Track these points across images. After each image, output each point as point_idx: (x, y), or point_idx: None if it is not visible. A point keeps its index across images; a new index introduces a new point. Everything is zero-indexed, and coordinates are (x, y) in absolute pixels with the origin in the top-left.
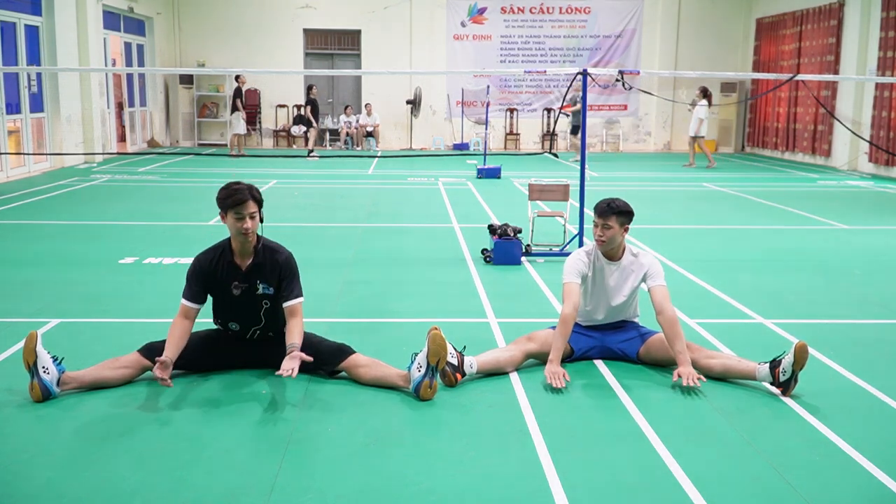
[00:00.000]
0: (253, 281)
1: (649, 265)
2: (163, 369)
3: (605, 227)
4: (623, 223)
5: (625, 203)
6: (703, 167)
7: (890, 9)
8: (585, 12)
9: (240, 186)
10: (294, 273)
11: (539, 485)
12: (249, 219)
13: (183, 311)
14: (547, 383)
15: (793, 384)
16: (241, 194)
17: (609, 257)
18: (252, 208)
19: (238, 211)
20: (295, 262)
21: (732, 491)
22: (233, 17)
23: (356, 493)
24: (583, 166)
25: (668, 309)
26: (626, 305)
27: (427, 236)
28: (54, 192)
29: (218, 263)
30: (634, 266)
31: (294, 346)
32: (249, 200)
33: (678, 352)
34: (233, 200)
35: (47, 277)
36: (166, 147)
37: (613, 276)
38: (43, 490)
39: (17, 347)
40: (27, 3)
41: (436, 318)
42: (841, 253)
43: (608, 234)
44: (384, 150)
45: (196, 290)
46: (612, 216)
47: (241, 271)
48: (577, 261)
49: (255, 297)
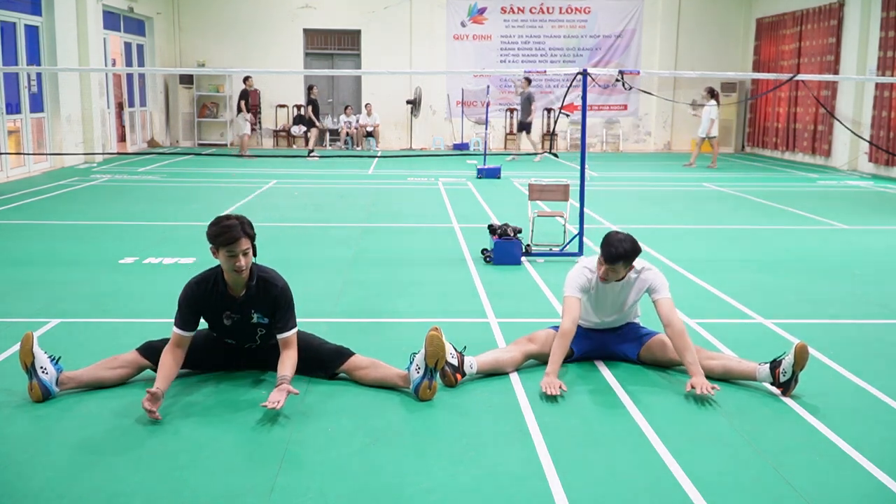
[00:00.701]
0: (247, 312)
1: (652, 280)
2: (153, 401)
3: (611, 271)
4: (628, 265)
5: (632, 245)
6: (704, 167)
7: (890, 9)
8: (585, 12)
9: (231, 223)
10: (289, 304)
11: (539, 485)
12: (242, 256)
13: (175, 339)
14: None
15: (793, 384)
16: (233, 231)
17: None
18: (245, 245)
19: (231, 249)
20: (290, 293)
21: (732, 491)
22: (233, 17)
23: (356, 493)
24: (583, 166)
25: (675, 321)
26: (627, 314)
27: (427, 236)
28: (54, 192)
29: (211, 294)
30: (638, 282)
31: (284, 379)
32: (242, 238)
33: (689, 363)
34: (224, 239)
35: (47, 277)
36: (166, 147)
37: (616, 290)
38: (43, 490)
39: (17, 348)
40: (27, 3)
41: (436, 318)
42: (841, 253)
43: (612, 276)
44: (384, 150)
45: (188, 317)
46: (619, 264)
47: (235, 302)
48: (579, 274)
49: (250, 325)
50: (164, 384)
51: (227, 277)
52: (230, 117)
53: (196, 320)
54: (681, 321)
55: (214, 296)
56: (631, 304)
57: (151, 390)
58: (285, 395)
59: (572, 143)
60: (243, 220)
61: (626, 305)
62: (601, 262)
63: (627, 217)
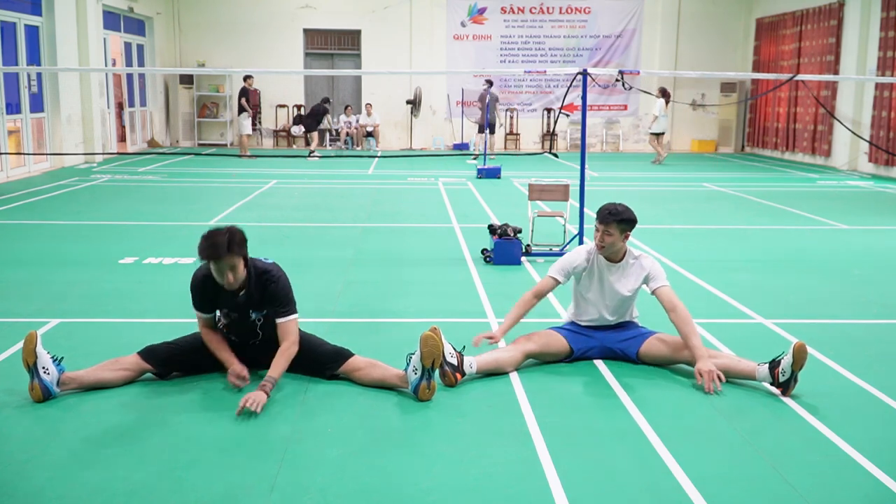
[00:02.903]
0: (244, 311)
1: (650, 267)
2: (242, 379)
3: (606, 234)
4: (624, 230)
5: (627, 210)
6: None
7: (890, 9)
8: (585, 12)
9: (218, 240)
10: (287, 294)
11: (539, 485)
12: (230, 272)
13: (202, 322)
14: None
15: (792, 384)
16: (218, 249)
17: (610, 259)
18: (232, 261)
19: (217, 265)
20: (288, 284)
21: (732, 491)
22: (233, 17)
23: (356, 493)
24: (583, 166)
25: (679, 306)
26: (625, 305)
27: (427, 236)
28: (54, 192)
29: (213, 289)
30: (635, 268)
31: (270, 380)
32: (226, 256)
33: (695, 346)
34: (208, 254)
35: (47, 277)
36: (166, 147)
37: (614, 276)
38: (43, 490)
39: (17, 348)
40: (27, 3)
41: (436, 318)
42: (841, 253)
43: (608, 240)
44: (384, 150)
45: (200, 304)
46: (612, 224)
47: (234, 301)
48: (572, 259)
49: (248, 322)
50: (232, 356)
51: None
52: (230, 117)
53: (209, 307)
54: (684, 306)
55: (215, 292)
56: (630, 295)
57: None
58: (265, 399)
59: (572, 143)
60: (234, 235)
61: (624, 294)
62: (597, 229)
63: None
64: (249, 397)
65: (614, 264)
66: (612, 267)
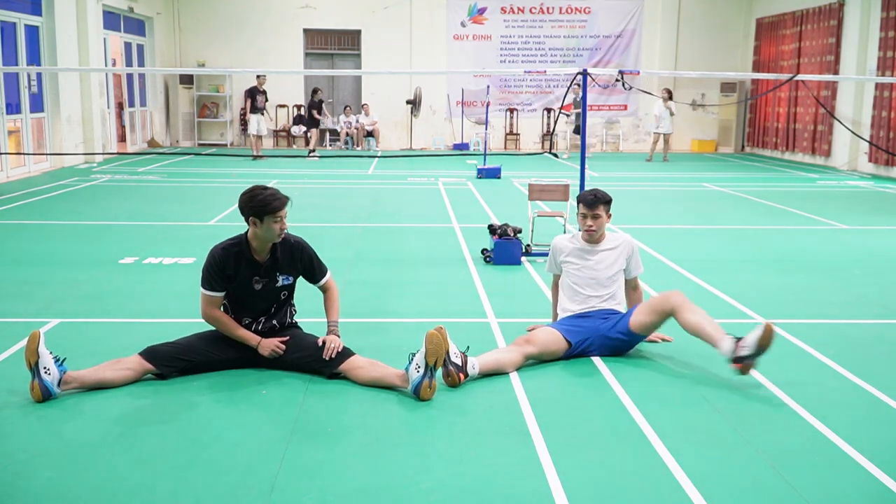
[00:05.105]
0: (272, 275)
1: (634, 247)
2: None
3: (595, 217)
4: (608, 210)
5: (603, 191)
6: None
7: (890, 9)
8: (585, 12)
9: (272, 191)
10: (312, 255)
11: (539, 485)
12: (285, 218)
13: (213, 301)
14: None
15: (750, 363)
16: (280, 199)
17: (592, 242)
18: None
19: (276, 216)
20: (309, 246)
21: (732, 491)
22: (233, 17)
23: (356, 493)
24: (583, 166)
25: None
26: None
27: (427, 236)
28: (54, 192)
29: (238, 261)
30: (615, 241)
31: (334, 323)
32: (287, 201)
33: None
34: (272, 207)
35: (47, 277)
36: (166, 147)
37: (599, 255)
38: (43, 490)
39: (18, 347)
40: (27, 3)
41: (436, 318)
42: (841, 253)
43: (598, 223)
44: (384, 150)
45: (214, 283)
46: (600, 206)
47: (261, 267)
48: (556, 252)
49: (275, 289)
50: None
51: (255, 243)
52: (230, 117)
53: (223, 285)
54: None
55: (242, 262)
56: (617, 269)
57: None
58: (338, 339)
59: (572, 144)
60: (276, 190)
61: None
62: (583, 216)
63: (627, 217)
64: (331, 342)
65: (597, 244)
66: (596, 246)
